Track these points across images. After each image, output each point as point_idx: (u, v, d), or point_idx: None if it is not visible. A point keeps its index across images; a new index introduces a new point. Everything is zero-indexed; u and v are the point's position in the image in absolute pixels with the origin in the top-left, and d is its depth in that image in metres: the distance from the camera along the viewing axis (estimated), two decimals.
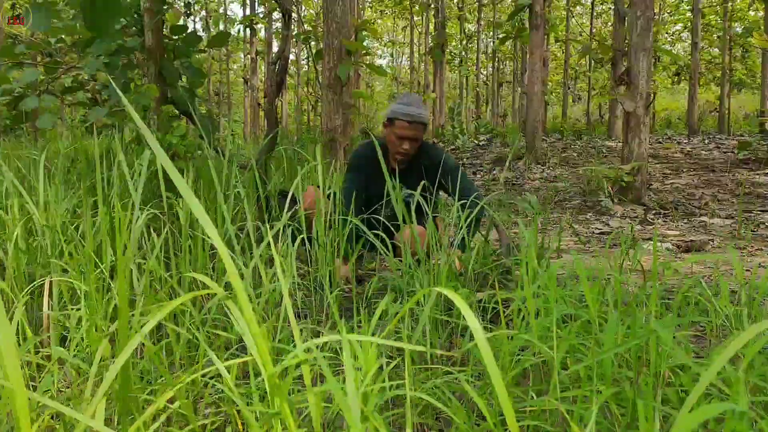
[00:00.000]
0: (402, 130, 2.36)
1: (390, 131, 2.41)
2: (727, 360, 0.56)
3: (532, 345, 1.14)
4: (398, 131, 2.37)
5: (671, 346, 0.85)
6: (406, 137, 2.37)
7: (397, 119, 2.36)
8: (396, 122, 2.37)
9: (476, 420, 1.20)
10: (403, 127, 2.36)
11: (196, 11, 19.21)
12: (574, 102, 23.25)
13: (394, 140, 2.39)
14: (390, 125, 2.41)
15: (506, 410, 0.57)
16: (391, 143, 2.42)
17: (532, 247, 1.38)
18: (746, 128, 14.23)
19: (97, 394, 0.65)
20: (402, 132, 2.36)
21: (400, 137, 2.37)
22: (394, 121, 2.38)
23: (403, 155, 2.42)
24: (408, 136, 2.37)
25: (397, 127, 2.37)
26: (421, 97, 2.59)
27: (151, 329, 1.37)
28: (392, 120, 2.39)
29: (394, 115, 2.37)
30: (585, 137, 11.29)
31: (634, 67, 4.58)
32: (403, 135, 2.36)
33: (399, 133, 2.37)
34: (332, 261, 2.01)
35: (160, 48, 3.30)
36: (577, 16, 21.09)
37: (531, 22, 7.38)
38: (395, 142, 2.39)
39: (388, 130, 2.42)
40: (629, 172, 4.61)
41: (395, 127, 2.38)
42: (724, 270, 2.51)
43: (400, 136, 2.37)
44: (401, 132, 2.36)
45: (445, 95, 16.10)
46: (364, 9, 18.97)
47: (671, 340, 0.84)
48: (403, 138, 2.37)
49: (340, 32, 5.11)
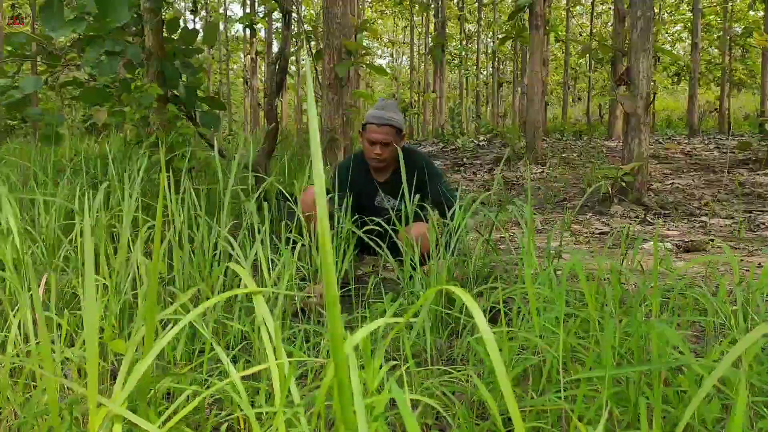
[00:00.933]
0: (371, 134, 2.33)
1: (363, 138, 2.38)
2: (730, 363, 0.56)
3: (532, 345, 1.14)
4: (368, 135, 2.34)
5: (668, 345, 0.86)
6: (377, 141, 2.33)
7: (368, 123, 2.34)
8: (367, 127, 2.35)
9: (476, 420, 1.20)
10: (372, 130, 2.32)
11: (197, 12, 19.19)
12: (574, 102, 23.25)
13: (367, 146, 2.36)
14: (363, 132, 2.38)
15: (511, 408, 0.57)
16: (366, 150, 2.38)
17: (531, 246, 1.38)
18: (746, 128, 14.24)
19: (122, 388, 0.65)
20: (371, 136, 2.33)
21: (372, 142, 2.33)
22: (366, 126, 2.35)
23: (377, 161, 2.37)
24: (378, 140, 2.32)
25: (368, 131, 2.34)
26: (396, 103, 2.53)
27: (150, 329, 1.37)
28: (364, 126, 2.36)
29: (365, 120, 2.35)
30: (585, 137, 11.30)
31: (634, 67, 4.58)
32: (373, 139, 2.33)
33: (369, 138, 2.33)
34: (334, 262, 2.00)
35: (160, 48, 3.30)
36: (577, 16, 21.10)
37: (531, 23, 7.39)
38: (368, 147, 2.36)
39: (362, 138, 2.40)
40: (629, 173, 4.61)
41: (366, 132, 2.35)
42: (724, 270, 2.51)
43: (371, 140, 2.33)
44: (370, 136, 2.33)
45: (445, 95, 16.09)
46: (364, 9, 18.97)
47: (676, 336, 0.84)
48: (374, 142, 2.33)
49: (340, 32, 5.11)
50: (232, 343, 1.40)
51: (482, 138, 11.04)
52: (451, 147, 10.05)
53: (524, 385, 1.22)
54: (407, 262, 1.72)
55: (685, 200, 4.90)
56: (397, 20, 23.22)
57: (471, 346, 1.15)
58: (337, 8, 5.11)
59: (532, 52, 7.56)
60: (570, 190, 5.64)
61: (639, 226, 3.98)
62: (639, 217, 4.27)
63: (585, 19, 22.31)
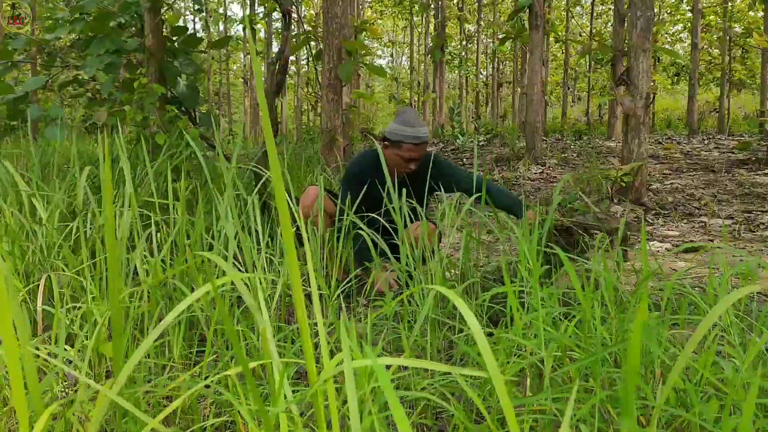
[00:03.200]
0: (409, 152, 2.42)
1: (395, 152, 2.45)
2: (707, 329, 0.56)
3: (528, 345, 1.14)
4: (406, 154, 2.43)
5: (661, 346, 0.86)
6: (414, 159, 2.44)
7: (404, 143, 2.41)
8: (403, 146, 2.42)
9: (475, 419, 1.20)
10: (409, 149, 2.42)
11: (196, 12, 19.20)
12: (574, 102, 23.25)
13: (400, 161, 2.45)
14: (395, 146, 2.44)
15: (507, 410, 0.57)
16: (397, 163, 2.46)
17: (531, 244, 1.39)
18: (746, 128, 14.24)
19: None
20: (410, 154, 2.43)
21: (409, 159, 2.44)
22: (401, 144, 2.42)
23: (405, 171, 2.48)
24: (415, 157, 2.44)
25: (405, 150, 2.42)
26: (416, 112, 2.63)
27: (149, 327, 1.37)
28: (398, 143, 2.43)
29: (399, 138, 2.41)
30: (585, 137, 11.30)
31: (634, 68, 4.59)
32: (410, 157, 2.43)
33: (407, 156, 2.43)
34: (337, 264, 2.01)
35: (160, 48, 3.30)
36: (576, 16, 21.10)
37: (531, 23, 7.39)
38: (402, 163, 2.45)
39: (393, 151, 2.45)
40: (629, 173, 4.61)
41: (402, 150, 2.43)
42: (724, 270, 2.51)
43: (409, 158, 2.43)
44: (408, 154, 2.43)
45: (445, 95, 16.09)
46: (364, 9, 18.97)
47: (662, 332, 0.84)
48: (411, 159, 2.44)
49: (340, 32, 5.12)
50: (232, 343, 1.41)
51: (482, 138, 11.05)
52: (451, 147, 10.05)
53: (522, 385, 1.22)
54: (403, 260, 1.73)
55: (684, 200, 4.90)
56: (396, 20, 23.22)
57: (464, 349, 1.16)
58: (337, 8, 5.11)
59: (531, 52, 7.56)
60: (570, 190, 5.64)
61: (639, 226, 3.98)
62: (638, 218, 4.27)
63: (585, 19, 22.31)
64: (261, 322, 0.80)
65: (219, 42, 4.11)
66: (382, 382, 0.53)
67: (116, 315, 0.69)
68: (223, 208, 1.56)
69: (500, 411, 1.08)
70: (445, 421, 1.23)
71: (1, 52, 3.53)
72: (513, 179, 6.52)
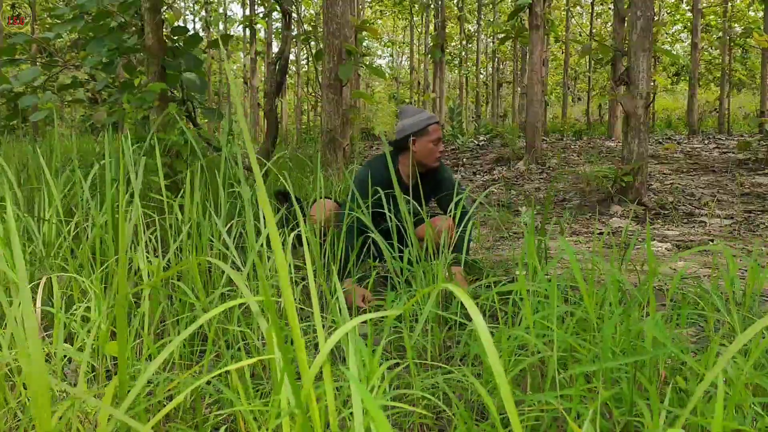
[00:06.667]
0: (436, 132, 2.51)
1: (425, 141, 2.50)
2: (731, 356, 0.56)
3: (530, 344, 1.14)
4: (434, 135, 2.50)
5: (668, 345, 0.86)
6: (440, 138, 2.53)
7: (429, 125, 2.50)
8: (429, 128, 2.50)
9: (476, 419, 1.20)
10: (436, 129, 2.51)
11: (197, 12, 19.21)
12: (574, 102, 23.25)
13: (431, 147, 2.51)
14: (423, 135, 2.50)
15: (509, 408, 0.57)
16: (429, 152, 2.51)
17: (531, 244, 1.38)
18: (746, 128, 14.23)
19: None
20: (437, 134, 2.51)
21: (437, 140, 2.51)
22: (427, 128, 2.49)
23: (440, 156, 2.55)
24: (441, 136, 2.53)
25: (432, 132, 2.50)
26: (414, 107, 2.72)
27: (149, 328, 1.37)
28: (423, 129, 2.49)
29: (421, 125, 2.49)
30: (585, 137, 11.29)
31: (634, 68, 4.58)
32: (439, 136, 2.51)
33: (435, 137, 2.50)
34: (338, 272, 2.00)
35: (161, 48, 3.30)
36: (576, 16, 21.10)
37: (531, 23, 7.38)
38: (433, 148, 2.51)
39: (423, 141, 2.50)
40: (629, 173, 4.61)
41: (429, 134, 2.49)
42: (724, 270, 2.51)
43: (437, 138, 2.51)
44: (437, 135, 2.51)
45: (445, 95, 16.09)
46: (364, 9, 18.97)
47: (665, 333, 0.84)
48: (439, 139, 2.52)
49: (340, 32, 5.11)
50: (232, 343, 1.40)
51: (482, 138, 11.04)
52: (451, 147, 10.05)
53: (523, 385, 1.22)
54: (405, 256, 1.72)
55: (684, 200, 4.90)
56: (396, 20, 23.21)
57: (469, 345, 1.15)
58: (337, 8, 5.11)
59: (531, 52, 7.56)
60: (570, 190, 5.63)
61: (639, 226, 3.98)
62: (639, 217, 4.27)
63: (585, 19, 22.31)
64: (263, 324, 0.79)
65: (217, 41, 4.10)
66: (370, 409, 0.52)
67: (120, 315, 0.69)
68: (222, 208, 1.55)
69: (501, 410, 1.08)
70: (445, 421, 1.22)
71: (2, 49, 3.53)
72: (513, 179, 6.51)
